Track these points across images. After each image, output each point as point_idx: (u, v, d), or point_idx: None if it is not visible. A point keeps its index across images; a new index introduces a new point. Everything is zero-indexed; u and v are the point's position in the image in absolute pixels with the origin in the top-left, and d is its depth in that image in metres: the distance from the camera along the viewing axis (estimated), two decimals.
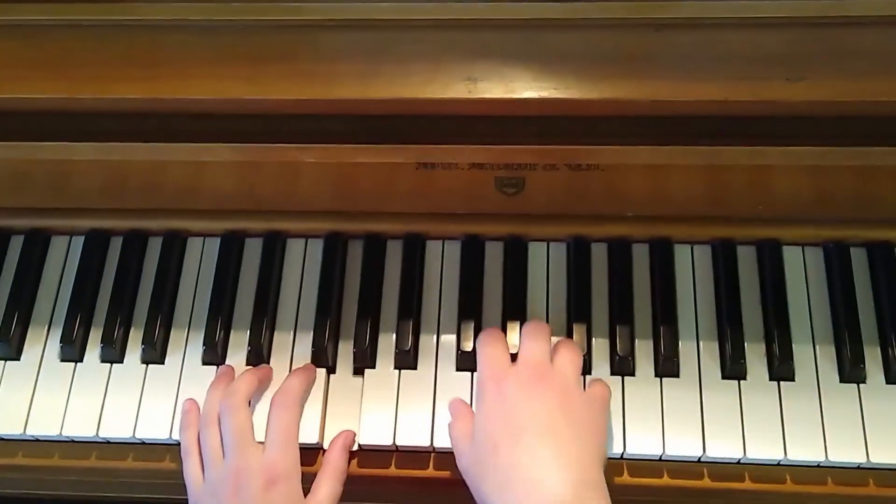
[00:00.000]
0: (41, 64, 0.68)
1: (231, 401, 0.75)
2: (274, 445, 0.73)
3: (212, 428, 0.76)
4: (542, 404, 0.68)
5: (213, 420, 0.76)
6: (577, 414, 0.69)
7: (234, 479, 0.72)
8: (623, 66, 0.66)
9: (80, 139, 0.72)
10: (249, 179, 0.79)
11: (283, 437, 0.74)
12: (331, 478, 0.75)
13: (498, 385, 0.70)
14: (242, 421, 0.74)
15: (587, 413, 0.71)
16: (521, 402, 0.68)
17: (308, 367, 0.80)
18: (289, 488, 0.72)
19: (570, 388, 0.71)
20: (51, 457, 0.81)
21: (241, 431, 0.74)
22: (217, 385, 0.79)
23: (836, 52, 0.65)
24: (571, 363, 0.73)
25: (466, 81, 0.66)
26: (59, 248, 0.88)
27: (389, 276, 0.84)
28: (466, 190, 0.79)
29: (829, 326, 0.81)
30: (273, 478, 0.71)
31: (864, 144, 0.69)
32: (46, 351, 0.83)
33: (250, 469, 0.72)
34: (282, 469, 0.72)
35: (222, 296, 0.84)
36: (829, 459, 0.75)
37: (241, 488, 0.71)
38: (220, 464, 0.73)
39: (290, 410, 0.75)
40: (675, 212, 0.81)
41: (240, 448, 0.73)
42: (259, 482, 0.71)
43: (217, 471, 0.73)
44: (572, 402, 0.70)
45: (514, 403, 0.69)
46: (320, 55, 0.68)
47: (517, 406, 0.68)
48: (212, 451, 0.75)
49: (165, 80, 0.67)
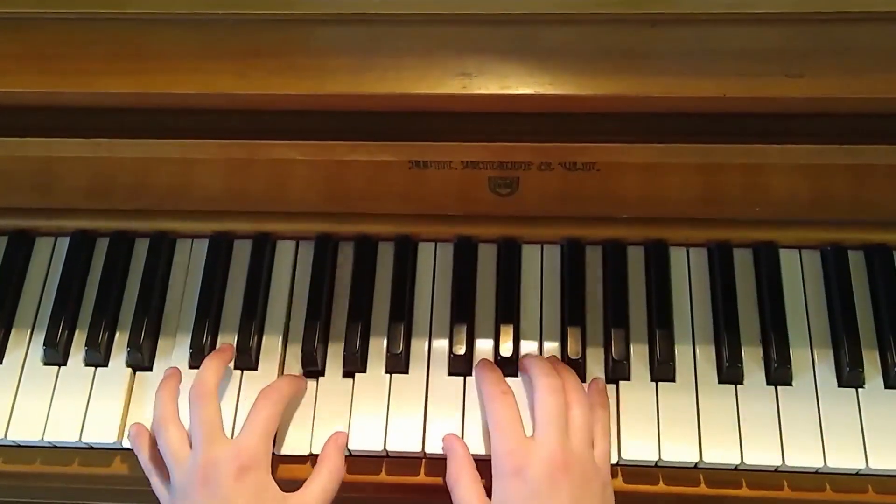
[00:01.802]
0: (25, 57, 0.67)
1: (201, 390, 0.73)
2: (249, 432, 0.71)
3: (169, 428, 0.73)
4: (565, 498, 0.67)
5: (169, 420, 0.74)
6: (594, 498, 0.69)
7: (203, 470, 0.69)
8: (619, 62, 0.65)
9: (65, 135, 0.71)
10: (238, 178, 0.78)
11: (261, 427, 0.72)
12: (326, 473, 0.73)
13: (519, 472, 0.68)
14: (213, 412, 0.72)
15: (601, 492, 0.70)
16: (545, 495, 0.67)
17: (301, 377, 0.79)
18: (259, 477, 0.69)
19: (588, 471, 0.70)
20: (32, 463, 0.80)
21: (211, 423, 0.72)
22: (166, 386, 0.77)
23: (835, 48, 0.65)
24: (586, 433, 0.71)
25: (460, 77, 0.65)
26: (44, 249, 0.86)
27: (381, 279, 0.83)
28: (459, 190, 0.78)
29: (826, 330, 0.80)
30: (244, 465, 0.68)
31: (863, 142, 0.68)
32: (29, 354, 0.82)
33: (219, 458, 0.69)
34: (252, 455, 0.69)
35: (210, 298, 0.83)
36: (827, 465, 0.74)
37: (210, 478, 0.68)
38: (186, 461, 0.71)
39: (273, 405, 0.73)
40: (671, 213, 0.80)
41: (209, 440, 0.70)
42: (228, 469, 0.68)
43: (183, 469, 0.71)
44: (590, 484, 0.69)
45: (538, 497, 0.67)
46: (311, 50, 0.67)
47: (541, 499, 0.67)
48: (174, 450, 0.72)
49: (153, 74, 0.66)
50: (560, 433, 0.70)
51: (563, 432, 0.70)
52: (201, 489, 0.68)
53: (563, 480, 0.67)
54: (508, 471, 0.69)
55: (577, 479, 0.68)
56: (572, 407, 0.72)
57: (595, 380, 0.78)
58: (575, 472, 0.68)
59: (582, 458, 0.70)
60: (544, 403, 0.71)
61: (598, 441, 0.73)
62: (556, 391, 0.72)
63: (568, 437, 0.70)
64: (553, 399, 0.72)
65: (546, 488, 0.67)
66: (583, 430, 0.71)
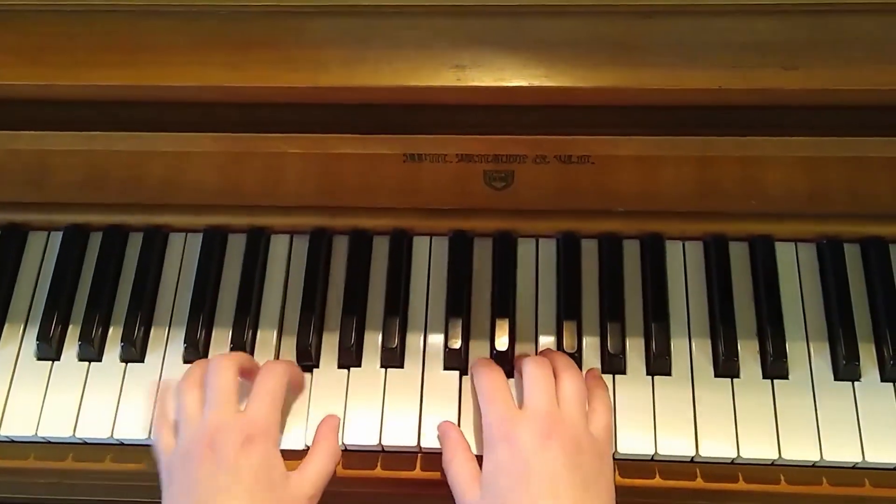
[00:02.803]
0: (17, 50, 0.67)
1: (222, 362, 0.73)
2: (257, 402, 0.71)
3: (191, 391, 0.73)
4: (554, 461, 0.66)
5: (193, 384, 0.73)
6: (588, 466, 0.68)
7: (211, 434, 0.68)
8: (614, 54, 0.65)
9: (58, 128, 0.70)
10: (232, 172, 0.78)
11: (268, 397, 0.71)
12: (321, 453, 0.73)
13: (508, 438, 0.68)
14: (230, 381, 0.72)
15: (597, 463, 0.69)
16: (534, 459, 0.67)
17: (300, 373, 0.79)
18: (267, 448, 0.69)
19: (580, 438, 0.69)
20: (26, 458, 0.79)
21: (226, 390, 0.71)
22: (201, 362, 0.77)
23: (831, 40, 0.64)
24: (578, 402, 0.71)
25: (455, 69, 0.65)
26: (37, 243, 0.86)
27: (376, 273, 0.83)
28: (454, 184, 0.78)
29: (823, 323, 0.80)
30: (251, 435, 0.68)
31: (859, 135, 0.68)
32: (22, 349, 0.81)
33: (228, 425, 0.68)
34: (262, 426, 0.69)
35: (204, 293, 0.82)
36: (824, 459, 0.74)
37: (217, 444, 0.67)
38: (197, 422, 0.70)
39: (278, 376, 0.73)
40: (667, 207, 0.80)
41: (221, 404, 0.70)
42: (236, 438, 0.67)
43: (193, 428, 0.70)
44: (582, 453, 0.68)
45: (527, 460, 0.67)
46: (305, 42, 0.67)
47: (530, 463, 0.66)
48: (188, 411, 0.71)
49: (145, 66, 0.66)
50: (548, 399, 0.70)
51: (552, 399, 0.70)
52: (207, 452, 0.67)
53: (553, 445, 0.67)
54: (498, 439, 0.69)
55: (569, 444, 0.67)
56: (562, 379, 0.72)
57: (591, 369, 0.78)
58: (566, 437, 0.68)
59: (573, 424, 0.69)
60: (530, 374, 0.72)
61: (597, 415, 0.72)
62: (543, 365, 0.72)
63: (557, 405, 0.70)
64: (539, 370, 0.72)
65: (536, 453, 0.67)
66: (574, 399, 0.71)
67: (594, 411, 0.73)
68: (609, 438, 0.73)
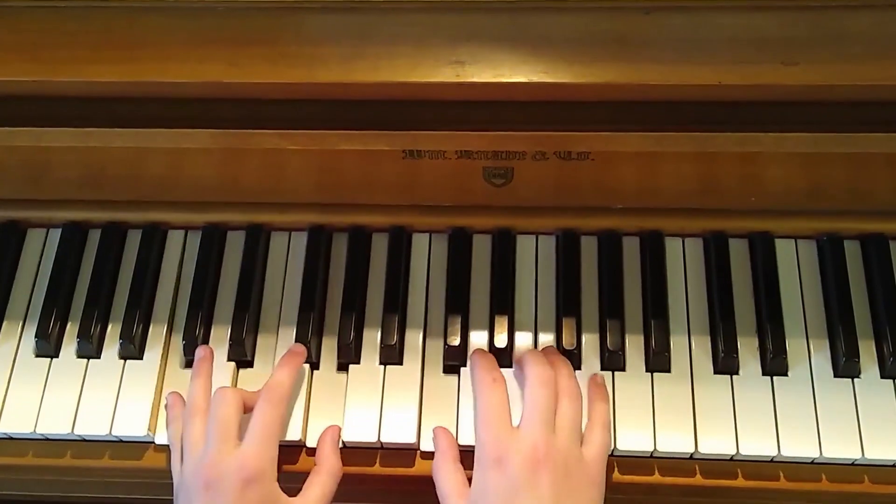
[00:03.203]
0: (14, 46, 0.67)
1: (226, 395, 0.73)
2: (253, 440, 0.70)
3: (197, 417, 0.73)
4: (542, 489, 0.66)
5: (199, 409, 0.74)
6: (576, 494, 0.68)
7: (207, 472, 0.69)
8: (613, 50, 0.65)
9: (56, 124, 0.70)
10: (231, 168, 0.78)
11: (264, 433, 0.71)
12: (325, 476, 0.73)
13: (500, 461, 0.68)
14: (231, 414, 0.72)
15: (586, 491, 0.69)
16: (523, 486, 0.66)
17: (295, 353, 0.78)
18: (264, 489, 0.69)
19: (570, 466, 0.68)
20: (24, 455, 0.79)
21: (226, 424, 0.71)
22: (200, 373, 0.77)
23: (831, 35, 0.64)
24: (574, 430, 0.70)
25: (454, 65, 0.65)
26: (35, 240, 0.86)
27: (375, 270, 0.83)
28: (454, 181, 0.78)
29: (822, 320, 0.80)
30: (247, 477, 0.68)
31: (859, 131, 0.67)
32: (21, 346, 0.81)
33: (225, 464, 0.69)
34: (257, 466, 0.69)
35: (203, 290, 0.82)
36: (823, 455, 0.74)
37: (214, 484, 0.68)
38: (198, 454, 0.71)
39: (275, 407, 0.73)
40: (667, 204, 0.80)
41: (220, 441, 0.70)
42: (234, 483, 0.68)
43: (193, 462, 0.71)
44: (571, 480, 0.68)
45: (515, 486, 0.66)
46: (303, 38, 0.66)
47: (518, 490, 0.66)
48: (191, 442, 0.72)
49: (143, 62, 0.66)
50: (545, 426, 0.69)
51: (549, 425, 0.69)
52: (204, 492, 0.68)
53: (543, 474, 0.66)
54: (489, 460, 0.68)
55: (560, 473, 0.67)
56: (562, 400, 0.71)
57: (594, 375, 0.77)
58: (557, 467, 0.67)
59: (565, 454, 0.69)
60: (532, 395, 0.71)
61: (593, 435, 0.72)
62: (547, 383, 0.71)
63: (553, 431, 0.69)
64: (542, 391, 0.71)
65: (525, 481, 0.66)
66: (570, 425, 0.70)
67: (590, 431, 0.72)
68: (602, 461, 0.72)
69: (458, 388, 0.78)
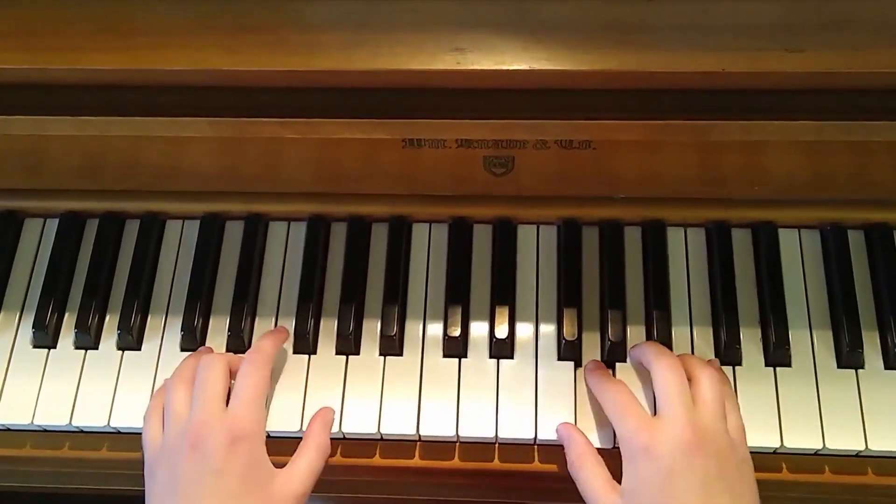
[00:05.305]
0: (10, 33, 0.66)
1: (213, 360, 0.72)
2: (240, 401, 0.70)
3: (179, 387, 0.72)
4: (700, 472, 0.64)
5: (184, 378, 0.73)
6: (732, 473, 0.66)
7: (195, 432, 0.67)
8: (616, 37, 0.64)
9: (52, 113, 0.69)
10: (229, 157, 0.77)
11: (250, 393, 0.70)
12: (311, 449, 0.72)
13: (647, 450, 0.66)
14: (218, 380, 0.71)
15: (740, 469, 0.67)
16: (678, 470, 0.65)
17: (277, 330, 0.78)
18: (252, 448, 0.68)
19: (722, 445, 0.67)
20: (22, 447, 0.79)
21: (213, 387, 0.70)
22: (197, 353, 0.76)
23: (836, 22, 0.63)
24: (718, 407, 0.68)
25: (454, 52, 0.64)
26: (33, 230, 0.85)
27: (374, 260, 0.83)
28: (454, 170, 0.77)
29: (826, 311, 0.79)
30: (236, 435, 0.67)
31: (864, 119, 0.66)
32: (18, 337, 0.81)
33: (212, 424, 0.68)
34: (246, 426, 0.68)
35: (201, 280, 0.82)
36: (826, 447, 0.74)
37: (200, 444, 0.67)
38: (183, 419, 0.70)
39: (259, 369, 0.72)
40: (669, 193, 0.79)
41: (207, 402, 0.69)
42: (222, 439, 0.67)
43: (178, 426, 0.69)
44: (726, 460, 0.66)
45: (671, 472, 0.65)
46: (302, 25, 0.66)
47: (675, 475, 0.64)
48: (176, 408, 0.71)
49: (141, 50, 0.65)
50: (686, 407, 0.67)
51: (690, 407, 0.67)
52: (190, 452, 0.67)
53: (696, 457, 0.65)
54: (636, 451, 0.66)
55: (712, 455, 0.65)
56: (701, 380, 0.69)
57: (711, 360, 0.76)
58: (709, 448, 0.65)
59: (715, 433, 0.67)
60: (664, 380, 0.69)
61: (731, 416, 0.70)
62: (675, 367, 0.70)
63: (696, 412, 0.67)
64: (672, 374, 0.69)
65: (679, 465, 0.64)
66: (714, 402, 0.68)
67: (728, 412, 0.70)
68: (744, 437, 0.70)
69: (459, 379, 0.77)
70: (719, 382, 0.70)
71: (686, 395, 0.68)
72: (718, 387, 0.69)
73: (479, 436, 0.75)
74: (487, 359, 0.78)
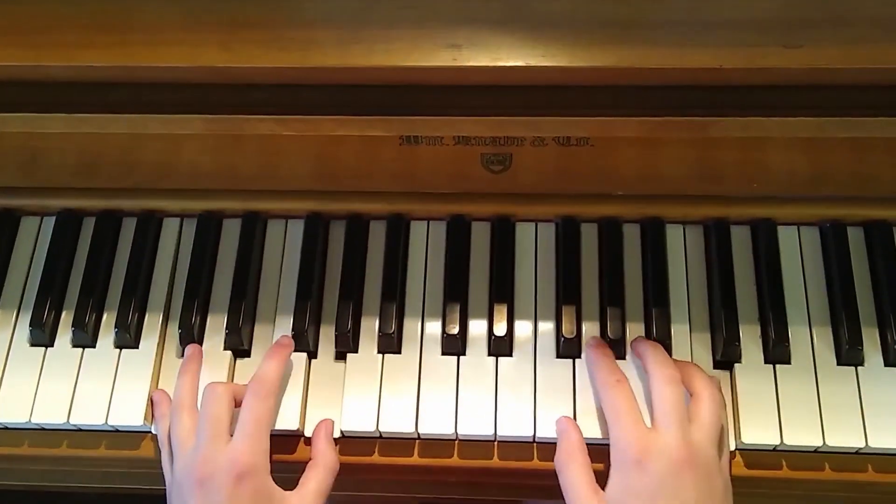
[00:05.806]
0: (5, 30, 0.65)
1: (217, 389, 0.72)
2: (243, 436, 0.70)
3: (184, 414, 0.73)
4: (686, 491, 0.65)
5: (185, 406, 0.73)
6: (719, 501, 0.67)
7: (200, 469, 0.68)
8: (613, 33, 0.64)
9: (48, 110, 0.69)
10: (226, 155, 0.77)
11: (253, 427, 0.70)
12: (320, 470, 0.72)
13: (640, 463, 0.66)
14: (222, 410, 0.71)
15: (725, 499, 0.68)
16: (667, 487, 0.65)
17: (281, 345, 0.77)
18: (257, 483, 0.68)
19: (712, 472, 0.67)
20: (20, 445, 0.79)
21: (217, 420, 0.71)
22: (188, 369, 0.76)
23: (834, 17, 0.63)
24: (714, 431, 0.69)
25: (451, 49, 0.64)
26: (30, 228, 0.85)
27: (372, 258, 0.82)
28: (452, 167, 0.77)
29: (825, 308, 0.79)
30: (241, 472, 0.67)
31: (863, 115, 0.66)
32: (15, 335, 0.81)
33: (217, 460, 0.68)
34: (248, 461, 0.68)
35: (199, 278, 0.82)
36: (826, 444, 0.73)
37: (207, 480, 0.68)
38: (189, 451, 0.70)
39: (264, 400, 0.72)
40: (667, 190, 0.79)
41: (211, 437, 0.69)
42: (227, 478, 0.67)
43: (184, 459, 0.70)
44: (716, 491, 0.67)
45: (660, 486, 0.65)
46: (297, 22, 0.65)
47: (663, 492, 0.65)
48: (180, 439, 0.71)
49: (136, 46, 0.65)
50: (681, 425, 0.68)
51: (684, 424, 0.68)
52: (197, 489, 0.68)
53: (687, 475, 0.65)
54: (629, 461, 0.67)
55: (702, 475, 0.66)
56: (702, 398, 0.70)
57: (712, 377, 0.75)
58: (699, 468, 0.66)
59: (706, 454, 0.67)
60: (662, 394, 0.69)
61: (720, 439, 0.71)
62: (674, 381, 0.70)
63: (690, 430, 0.68)
64: (670, 390, 0.69)
65: (670, 482, 0.65)
66: (711, 426, 0.69)
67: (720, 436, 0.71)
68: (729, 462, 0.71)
69: (457, 377, 0.77)
70: (719, 405, 0.71)
71: (683, 411, 0.69)
72: (718, 410, 0.70)
73: (478, 434, 0.75)
74: (486, 356, 0.78)
